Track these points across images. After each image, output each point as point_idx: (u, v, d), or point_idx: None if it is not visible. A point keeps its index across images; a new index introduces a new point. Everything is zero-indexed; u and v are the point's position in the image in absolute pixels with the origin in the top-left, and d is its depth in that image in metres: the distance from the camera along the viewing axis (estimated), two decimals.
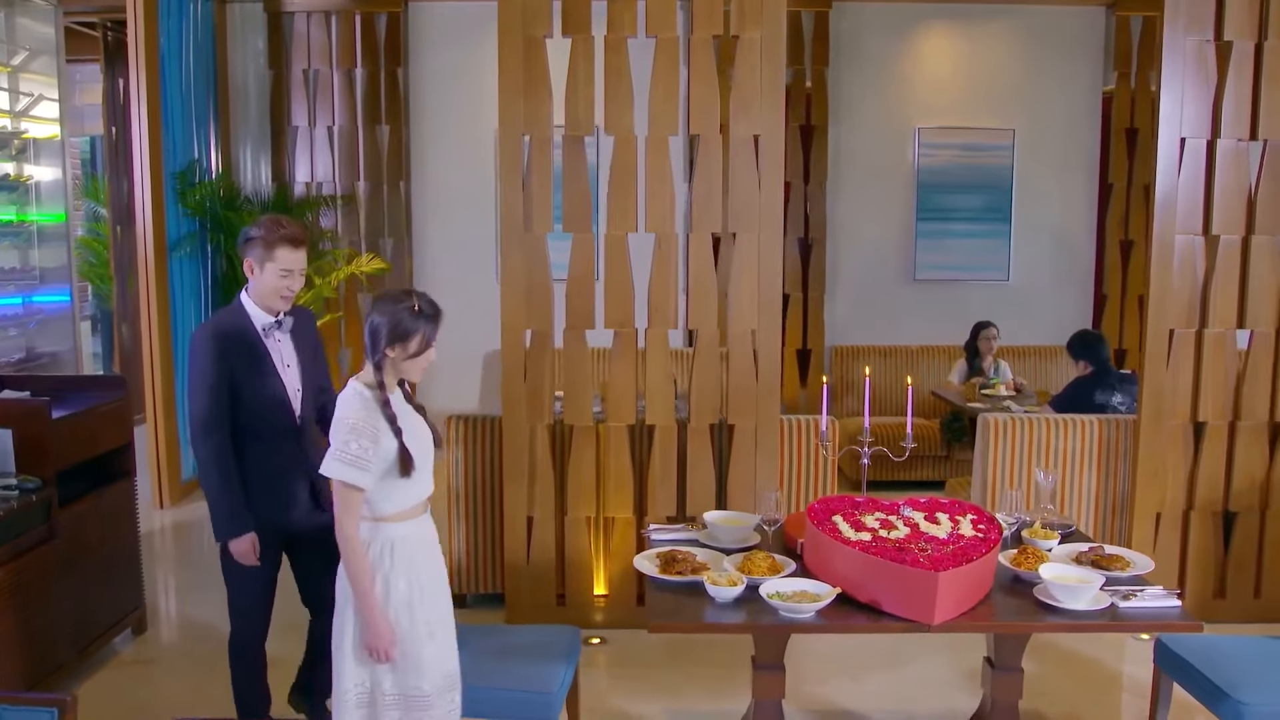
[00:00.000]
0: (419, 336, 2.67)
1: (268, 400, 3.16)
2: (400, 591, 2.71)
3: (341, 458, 2.61)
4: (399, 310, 2.66)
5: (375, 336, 2.66)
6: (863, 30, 7.70)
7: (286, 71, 7.47)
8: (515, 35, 4.39)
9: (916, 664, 4.30)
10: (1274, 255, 4.58)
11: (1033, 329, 7.79)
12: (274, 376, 3.18)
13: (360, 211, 7.61)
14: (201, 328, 3.17)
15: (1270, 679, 3.15)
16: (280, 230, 3.13)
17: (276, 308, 3.19)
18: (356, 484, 2.62)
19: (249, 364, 3.13)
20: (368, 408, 2.65)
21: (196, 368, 3.10)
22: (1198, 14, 4.45)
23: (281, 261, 3.12)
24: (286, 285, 3.16)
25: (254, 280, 3.16)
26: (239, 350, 3.12)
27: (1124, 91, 7.67)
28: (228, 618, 3.41)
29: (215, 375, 3.08)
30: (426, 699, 2.74)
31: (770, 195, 4.48)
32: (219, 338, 3.11)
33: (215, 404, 3.08)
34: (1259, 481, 4.68)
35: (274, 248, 3.11)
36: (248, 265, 3.15)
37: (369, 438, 2.62)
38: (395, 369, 2.70)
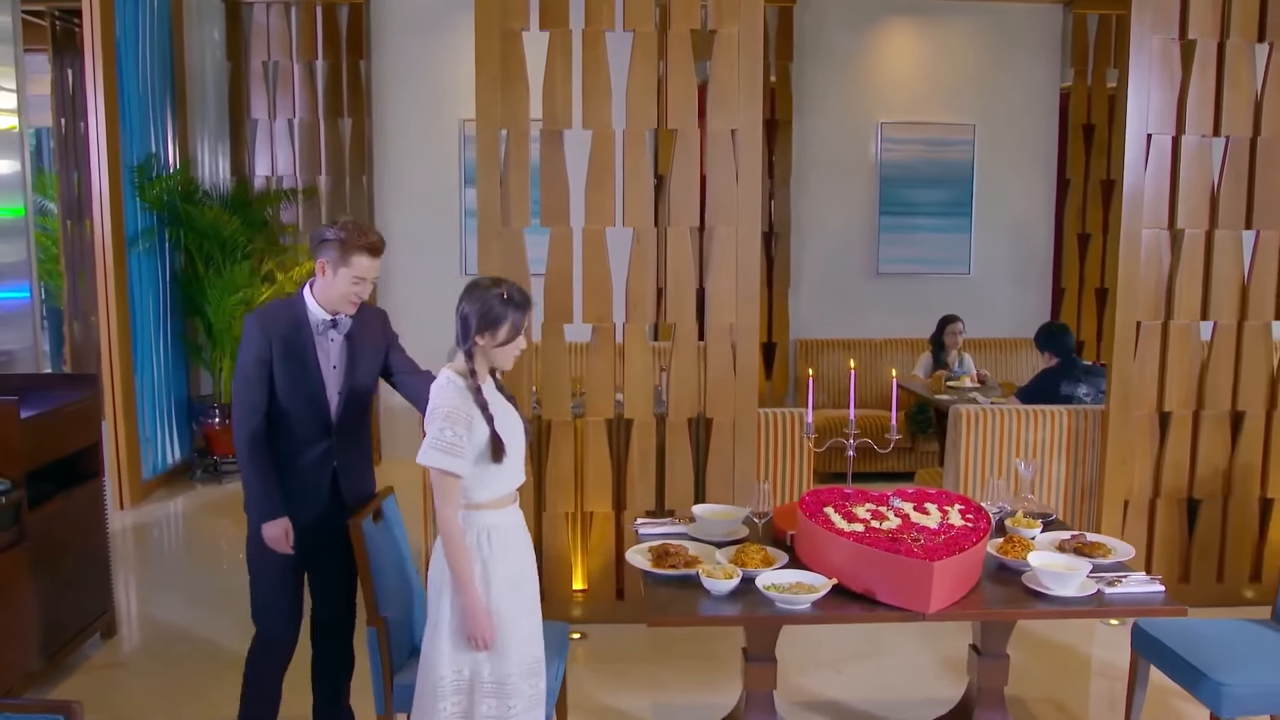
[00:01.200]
0: (508, 324, 2.71)
1: (304, 398, 3.09)
2: (500, 577, 2.76)
3: (437, 445, 2.64)
4: (488, 298, 2.69)
5: (465, 325, 2.71)
6: (826, 25, 7.76)
7: (245, 63, 7.33)
8: (492, 28, 4.36)
9: (896, 654, 4.36)
10: (1236, 249, 4.71)
11: (993, 322, 7.92)
12: (315, 376, 3.10)
13: (322, 205, 7.50)
14: (250, 321, 3.11)
15: (1246, 660, 3.24)
16: (363, 238, 3.03)
17: (342, 311, 3.10)
18: (452, 470, 2.66)
19: (292, 358, 3.06)
20: (461, 395, 2.69)
21: (241, 364, 3.06)
22: (1163, 13, 4.54)
23: (357, 269, 3.03)
24: (356, 292, 3.07)
25: (323, 281, 3.06)
26: (285, 341, 3.05)
27: (1081, 88, 7.82)
28: (244, 622, 3.35)
29: (256, 360, 3.03)
30: (515, 685, 2.77)
31: (748, 189, 4.50)
32: (268, 325, 3.06)
33: (253, 388, 3.03)
34: (1221, 469, 4.81)
35: (352, 254, 3.01)
36: (320, 265, 3.05)
37: (463, 425, 2.65)
38: (486, 357, 2.75)
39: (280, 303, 3.18)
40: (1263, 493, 4.84)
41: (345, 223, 3.08)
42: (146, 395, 6.72)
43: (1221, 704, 3.13)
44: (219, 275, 6.85)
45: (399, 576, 3.17)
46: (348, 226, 3.05)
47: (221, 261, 6.86)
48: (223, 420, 7.02)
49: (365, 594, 2.99)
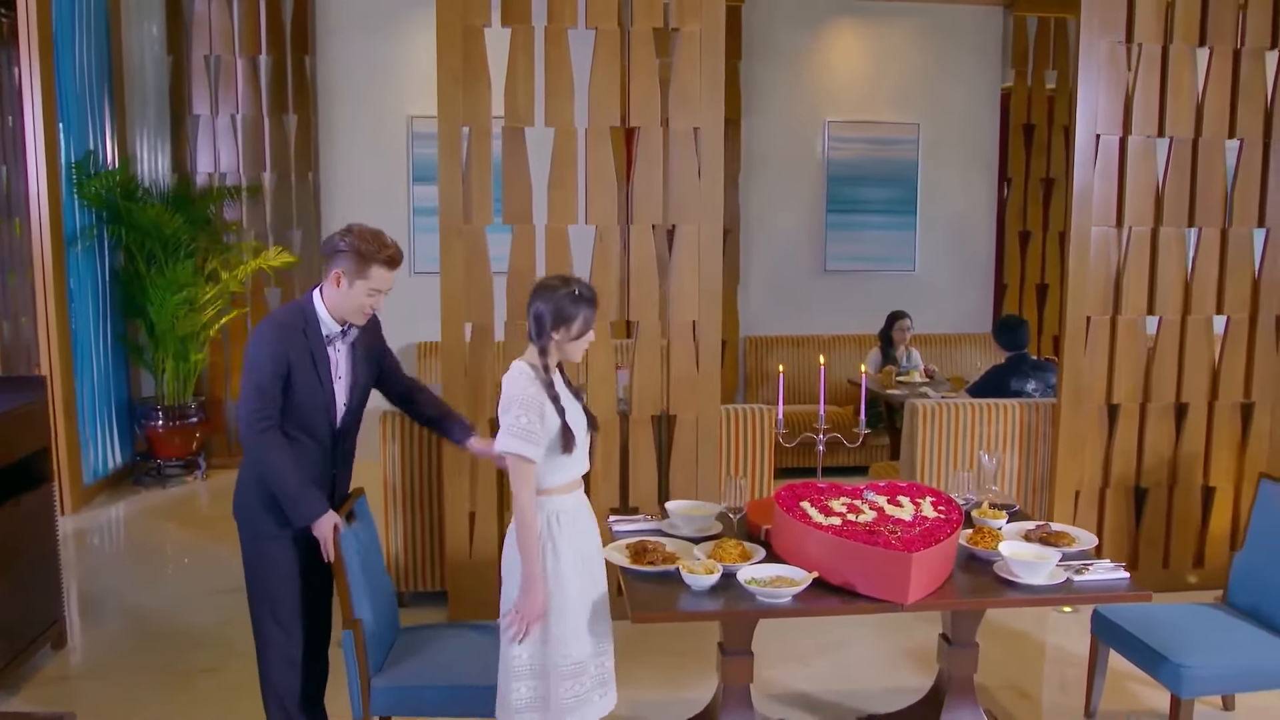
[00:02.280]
0: (580, 319, 2.88)
1: (311, 408, 3.03)
2: (567, 559, 2.89)
3: (514, 432, 2.80)
4: (560, 296, 2.87)
5: (540, 321, 2.88)
6: (774, 24, 7.83)
7: (186, 58, 7.16)
8: (454, 24, 4.32)
9: (860, 646, 4.42)
10: (1180, 246, 4.86)
11: (937, 318, 8.07)
12: (324, 386, 3.04)
13: (267, 203, 7.36)
14: (269, 319, 3.03)
15: (1204, 643, 3.36)
16: (382, 249, 2.96)
17: (354, 323, 3.06)
18: (528, 455, 2.81)
19: (305, 370, 2.99)
20: (534, 385, 2.85)
21: (259, 359, 2.95)
22: (1110, 17, 4.67)
23: (375, 281, 2.97)
24: (372, 305, 3.03)
25: (336, 292, 2.98)
26: (299, 351, 2.98)
27: (1021, 89, 8.00)
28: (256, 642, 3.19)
29: (274, 375, 2.94)
30: (582, 665, 2.91)
31: (710, 187, 4.53)
32: (284, 333, 2.98)
33: (269, 400, 2.94)
34: (1167, 459, 4.96)
35: (370, 265, 2.94)
36: (334, 275, 2.96)
37: (536, 413, 2.82)
38: (559, 351, 2.91)
39: (292, 312, 3.05)
40: (1205, 481, 5.01)
41: (361, 232, 2.98)
42: (86, 398, 6.54)
43: (1182, 685, 3.25)
44: (161, 274, 6.68)
45: (373, 578, 3.14)
46: (365, 236, 2.96)
47: (164, 260, 6.69)
48: (166, 423, 6.85)
49: (341, 596, 2.96)
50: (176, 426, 6.90)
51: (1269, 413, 4.97)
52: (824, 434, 3.62)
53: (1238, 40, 4.78)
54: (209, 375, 7.31)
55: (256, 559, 3.09)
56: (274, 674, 3.15)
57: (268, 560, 3.07)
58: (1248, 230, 4.89)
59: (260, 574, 3.09)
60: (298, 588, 3.12)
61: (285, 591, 3.09)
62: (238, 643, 4.40)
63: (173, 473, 7.06)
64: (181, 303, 6.73)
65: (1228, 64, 4.78)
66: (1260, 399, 4.96)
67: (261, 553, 3.07)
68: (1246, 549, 3.69)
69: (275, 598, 3.09)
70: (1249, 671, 3.35)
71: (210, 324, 6.98)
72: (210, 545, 5.75)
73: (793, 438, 4.23)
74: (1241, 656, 3.34)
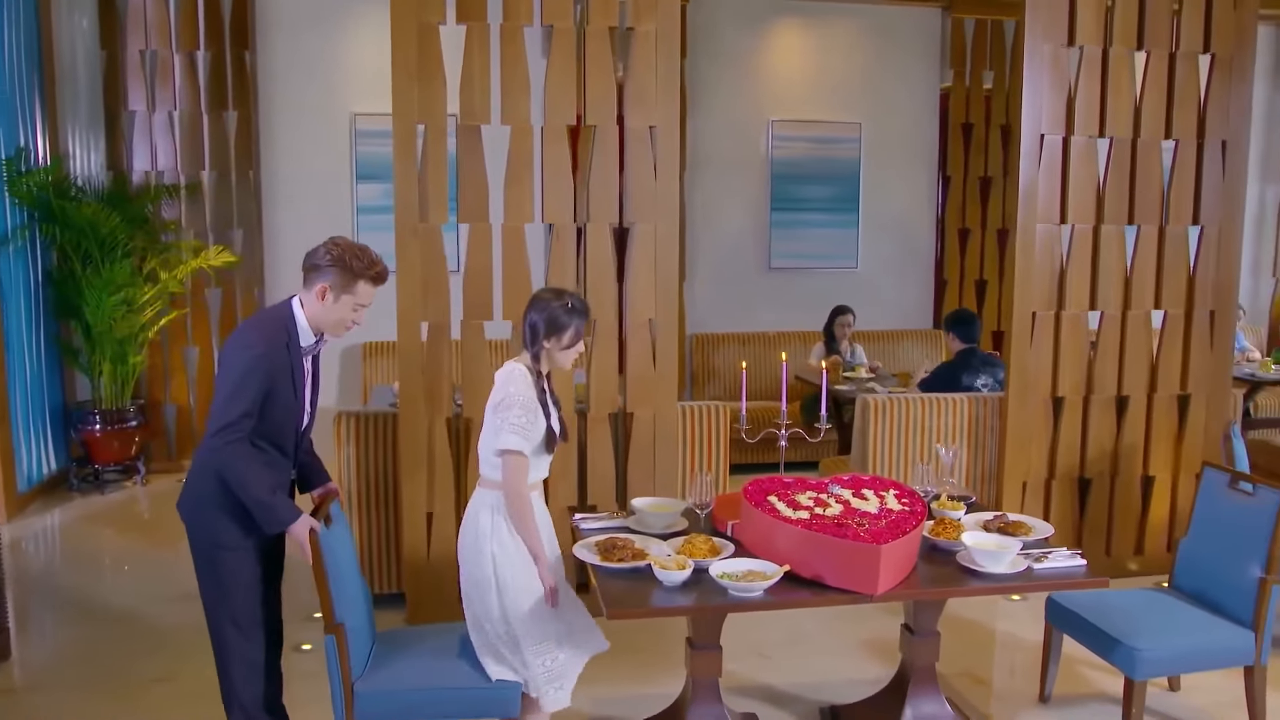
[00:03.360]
0: (572, 330, 3.07)
1: (283, 421, 2.99)
2: (513, 548, 3.07)
3: (517, 430, 2.98)
4: (554, 308, 3.05)
5: (535, 330, 3.06)
6: (718, 24, 7.88)
7: (121, 52, 6.97)
8: (408, 21, 4.27)
9: (818, 638, 4.49)
10: (1120, 243, 5.02)
11: (880, 314, 8.22)
12: (298, 399, 3.02)
13: (206, 202, 7.20)
14: (256, 330, 2.94)
15: (1154, 626, 3.47)
16: (370, 266, 2.95)
17: (334, 335, 3.06)
18: (524, 450, 3.00)
19: (284, 381, 2.95)
20: (530, 387, 3.04)
21: (240, 379, 2.86)
22: (1053, 22, 4.80)
23: (361, 296, 2.96)
24: (355, 320, 3.01)
25: (319, 306, 2.95)
26: (282, 365, 2.94)
27: (959, 89, 8.18)
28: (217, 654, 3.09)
29: (256, 392, 2.87)
30: (527, 655, 3.09)
31: (666, 186, 4.55)
32: (273, 348, 2.92)
33: (248, 413, 2.86)
34: (1109, 450, 5.12)
35: (358, 281, 2.94)
36: (320, 289, 2.93)
37: (531, 412, 3.02)
38: (550, 359, 3.10)
39: (275, 324, 2.97)
40: (1144, 471, 5.17)
41: (349, 246, 2.96)
42: (19, 402, 6.34)
43: (1135, 667, 3.36)
44: (98, 274, 6.50)
45: (351, 582, 3.10)
46: (354, 252, 2.94)
47: (100, 260, 6.51)
48: (104, 427, 6.67)
49: (322, 601, 2.91)
50: (115, 430, 6.72)
51: (1204, 404, 5.15)
52: (785, 429, 3.67)
53: (1172, 44, 4.94)
54: (148, 378, 7.14)
55: (215, 567, 3.01)
56: (236, 680, 3.09)
57: (227, 569, 2.99)
58: (1183, 228, 5.07)
59: (219, 582, 3.01)
60: (258, 594, 3.07)
61: (246, 598, 3.03)
62: (190, 649, 4.33)
63: (111, 478, 6.89)
64: (119, 303, 6.56)
65: (1163, 67, 4.94)
66: (1196, 391, 5.14)
67: (220, 561, 2.99)
68: (1191, 535, 3.82)
69: (235, 604, 3.02)
70: (1197, 652, 3.48)
71: (149, 325, 6.82)
72: (153, 551, 5.63)
73: (754, 434, 4.28)
74: (1190, 638, 3.46)
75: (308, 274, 2.97)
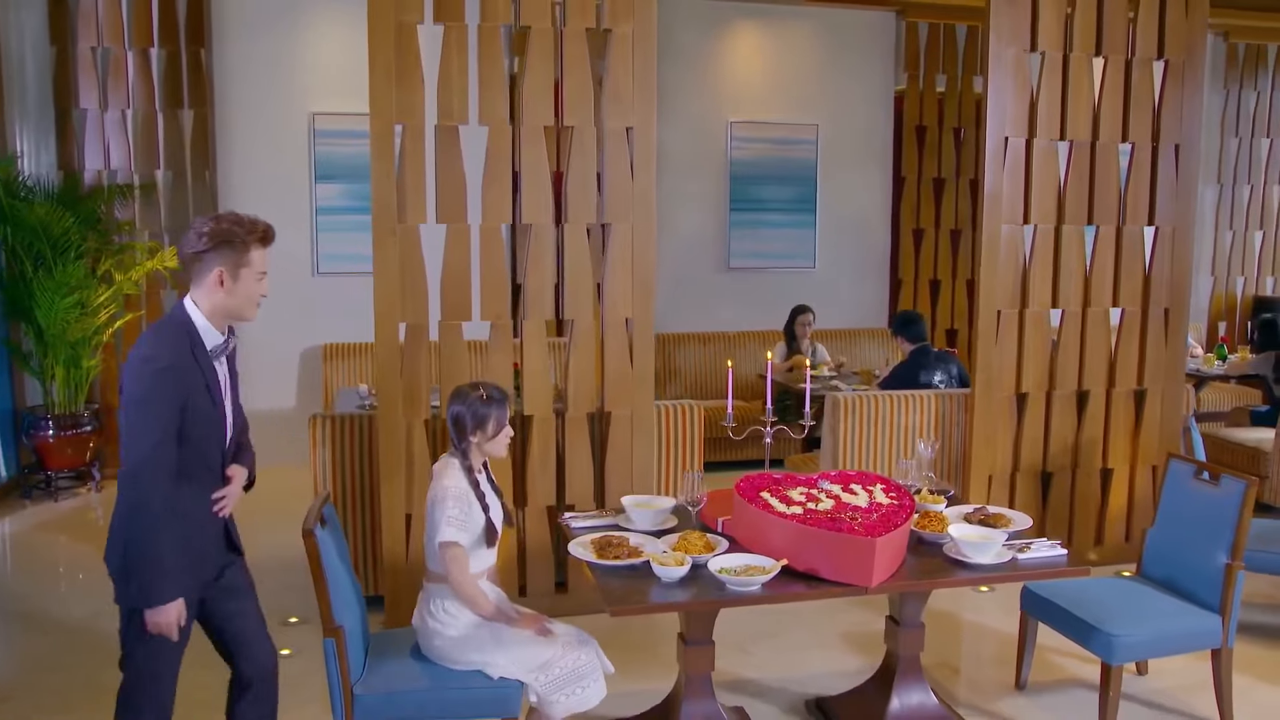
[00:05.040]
0: (493, 420, 3.15)
1: (207, 437, 2.71)
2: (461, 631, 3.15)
3: (452, 523, 3.05)
4: (471, 401, 3.14)
5: (459, 425, 3.15)
6: (677, 26, 7.93)
7: (72, 49, 6.80)
8: (386, 21, 4.25)
9: (797, 632, 4.56)
10: (1080, 242, 5.17)
11: (837, 313, 8.34)
12: (217, 409, 2.72)
13: (161, 202, 7.07)
14: (149, 351, 2.60)
15: (1129, 613, 3.60)
16: (254, 229, 2.69)
17: (247, 318, 2.77)
18: (460, 542, 3.07)
19: (199, 393, 2.65)
20: (463, 479, 3.13)
21: (146, 400, 2.56)
22: (1017, 28, 4.93)
23: (258, 264, 2.70)
24: (262, 291, 2.74)
25: (221, 292, 2.66)
26: (191, 378, 2.62)
27: (913, 91, 8.34)
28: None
29: (169, 411, 2.57)
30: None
31: (643, 186, 4.58)
32: (178, 360, 2.60)
33: (168, 446, 2.57)
34: (1070, 444, 5.27)
35: (249, 249, 2.67)
36: (215, 276, 2.64)
37: (465, 503, 3.09)
38: (480, 451, 3.19)
39: (174, 331, 2.66)
40: (1104, 464, 5.33)
41: (220, 218, 2.70)
42: None
43: (1113, 653, 3.48)
44: (50, 276, 6.35)
45: (347, 583, 3.09)
46: (229, 221, 2.68)
47: (53, 261, 6.36)
48: (57, 432, 6.52)
49: (321, 604, 2.90)
50: (68, 436, 6.57)
51: (1159, 398, 5.33)
52: (771, 426, 3.73)
53: (1129, 51, 5.11)
54: (102, 381, 6.98)
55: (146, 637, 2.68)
56: None
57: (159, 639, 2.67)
58: (1139, 228, 5.24)
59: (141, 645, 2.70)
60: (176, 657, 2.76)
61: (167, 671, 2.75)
62: None
63: (64, 484, 6.72)
64: (73, 306, 6.41)
65: (1120, 73, 5.11)
66: (1151, 386, 5.31)
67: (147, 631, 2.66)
68: (1158, 525, 3.96)
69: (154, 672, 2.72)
70: (1168, 637, 3.61)
71: (103, 328, 6.67)
72: None
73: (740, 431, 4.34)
74: (1162, 624, 3.59)
75: (193, 266, 2.69)
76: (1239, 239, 9.33)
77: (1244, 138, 9.21)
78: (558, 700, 3.08)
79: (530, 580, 4.67)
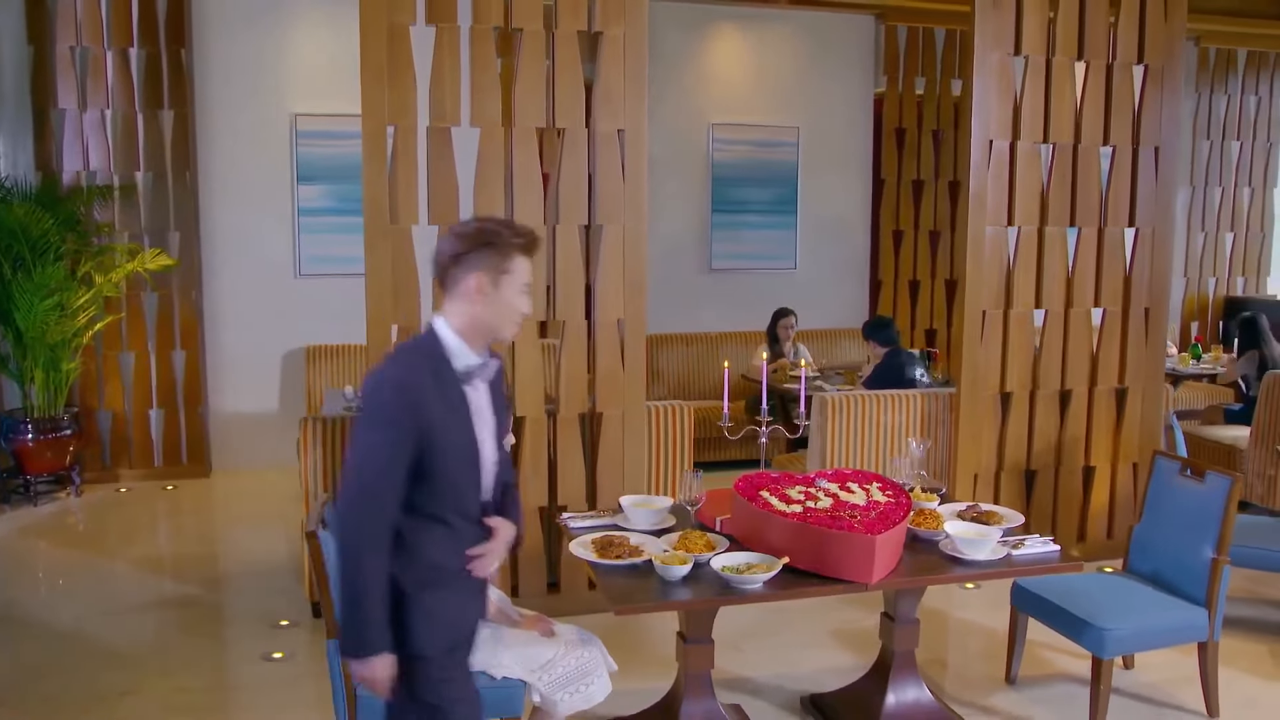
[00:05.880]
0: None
1: (459, 476, 2.39)
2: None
3: None
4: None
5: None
6: (659, 29, 7.92)
7: (50, 48, 6.72)
8: (379, 22, 4.25)
9: (788, 630, 4.59)
10: (1062, 243, 5.25)
11: (818, 314, 8.39)
12: (471, 441, 2.40)
13: (141, 203, 7.00)
14: (383, 370, 2.34)
15: (1118, 607, 3.66)
16: (519, 234, 2.39)
17: (505, 336, 2.45)
18: None
19: (444, 424, 2.32)
20: None
21: (371, 425, 2.28)
22: (1001, 32, 5.00)
23: (520, 273, 2.39)
24: (524, 307, 2.42)
25: (479, 304, 2.35)
26: (432, 403, 2.30)
27: (892, 94, 8.42)
28: None
29: (400, 437, 2.26)
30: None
31: (634, 187, 4.61)
32: (408, 383, 2.29)
33: (395, 480, 2.28)
34: (1053, 443, 5.35)
35: (512, 255, 2.37)
36: (473, 284, 2.33)
37: None
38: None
39: (412, 358, 2.37)
40: (1086, 461, 5.41)
41: (482, 220, 2.44)
42: None
43: (1105, 647, 3.54)
44: (29, 278, 6.28)
45: None
46: (492, 224, 2.41)
47: (32, 263, 6.29)
48: (36, 436, 6.44)
49: (324, 605, 2.89)
50: (47, 440, 6.49)
51: (1140, 397, 5.42)
52: (766, 426, 3.77)
53: (1110, 55, 5.19)
54: (82, 385, 6.91)
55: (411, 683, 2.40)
56: None
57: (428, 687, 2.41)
58: (1120, 230, 5.32)
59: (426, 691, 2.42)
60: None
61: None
62: (151, 662, 4.28)
63: (43, 489, 6.65)
64: (52, 308, 6.34)
65: (1101, 77, 5.19)
66: (1133, 384, 5.40)
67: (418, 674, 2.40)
68: (1144, 521, 4.03)
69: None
70: (1157, 631, 3.68)
71: (83, 331, 6.60)
72: (92, 563, 5.48)
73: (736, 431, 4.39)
74: (1151, 618, 3.66)
75: (448, 273, 2.37)
76: (1210, 240, 9.49)
77: (1215, 141, 9.37)
78: (561, 699, 3.08)
79: (523, 581, 4.68)
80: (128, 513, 6.49)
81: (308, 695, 3.96)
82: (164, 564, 5.56)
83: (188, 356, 7.16)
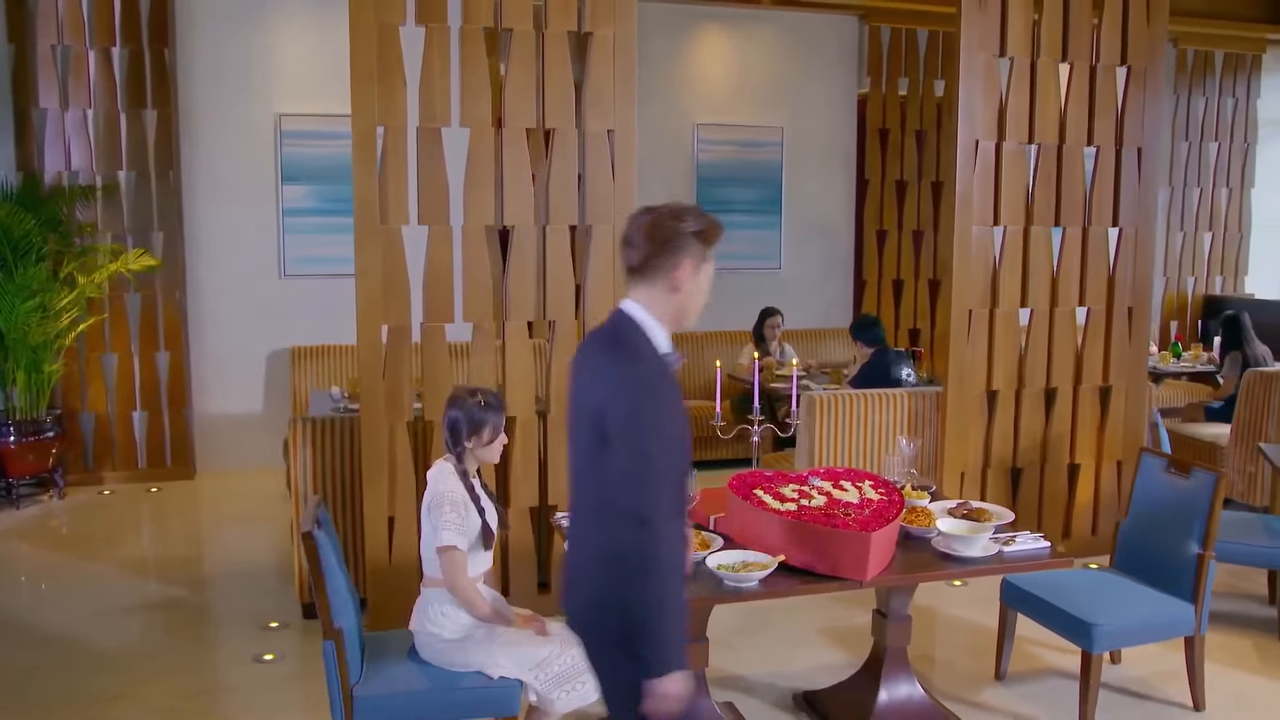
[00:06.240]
0: (489, 426, 3.20)
1: (681, 469, 2.27)
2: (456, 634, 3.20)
3: (448, 526, 3.09)
4: (469, 407, 3.18)
5: (455, 430, 3.19)
6: (644, 30, 7.90)
7: (31, 47, 6.67)
8: (368, 22, 4.24)
9: (778, 628, 4.62)
10: (1047, 243, 5.30)
11: (803, 313, 8.43)
12: (687, 432, 2.31)
13: (124, 203, 6.95)
14: (629, 352, 2.22)
15: (1107, 603, 3.70)
16: (717, 225, 2.32)
17: (684, 326, 2.35)
18: (459, 546, 3.10)
19: (676, 415, 2.24)
20: (460, 485, 3.17)
21: (653, 422, 2.15)
22: (987, 34, 5.04)
23: (712, 263, 2.34)
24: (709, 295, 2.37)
25: (683, 290, 2.27)
26: (670, 392, 2.22)
27: (876, 95, 8.46)
28: None
29: (673, 431, 2.19)
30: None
31: (624, 188, 4.62)
32: (653, 364, 2.20)
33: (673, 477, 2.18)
34: (1038, 440, 5.40)
35: (711, 244, 2.30)
36: (684, 268, 2.25)
37: (462, 507, 3.14)
38: (474, 456, 3.24)
39: (634, 335, 2.25)
40: (1071, 459, 5.46)
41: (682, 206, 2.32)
42: None
43: (1094, 642, 3.58)
44: (11, 279, 6.23)
45: (344, 584, 3.09)
46: (694, 209, 2.31)
47: (14, 264, 6.24)
48: (18, 438, 6.39)
49: (321, 606, 2.89)
50: (29, 442, 6.44)
51: (1123, 395, 5.47)
52: (759, 425, 3.79)
53: (1093, 57, 5.25)
54: (64, 386, 6.86)
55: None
56: None
57: None
58: (1104, 229, 5.38)
59: None
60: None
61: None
62: (141, 665, 4.25)
63: (26, 492, 6.60)
64: (34, 309, 6.30)
65: (1085, 78, 5.24)
66: (1116, 383, 5.46)
67: None
68: (1130, 518, 4.08)
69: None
70: (1145, 625, 3.72)
71: (66, 332, 6.55)
72: (76, 567, 5.43)
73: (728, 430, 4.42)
74: (1139, 613, 3.71)
75: (655, 258, 2.25)
76: (1189, 240, 9.58)
77: (1193, 142, 9.46)
78: (557, 697, 3.10)
79: (513, 580, 4.68)
80: (112, 515, 6.45)
81: (299, 697, 3.95)
82: (150, 566, 5.52)
83: (171, 357, 7.12)
